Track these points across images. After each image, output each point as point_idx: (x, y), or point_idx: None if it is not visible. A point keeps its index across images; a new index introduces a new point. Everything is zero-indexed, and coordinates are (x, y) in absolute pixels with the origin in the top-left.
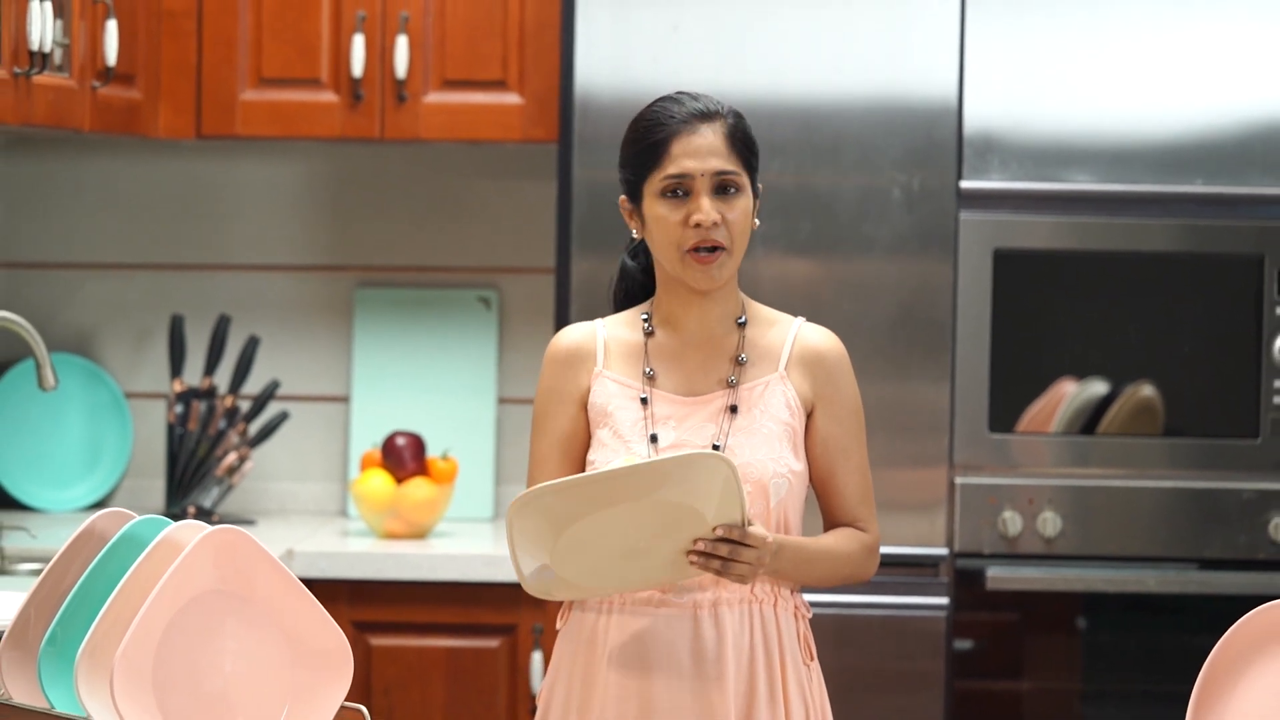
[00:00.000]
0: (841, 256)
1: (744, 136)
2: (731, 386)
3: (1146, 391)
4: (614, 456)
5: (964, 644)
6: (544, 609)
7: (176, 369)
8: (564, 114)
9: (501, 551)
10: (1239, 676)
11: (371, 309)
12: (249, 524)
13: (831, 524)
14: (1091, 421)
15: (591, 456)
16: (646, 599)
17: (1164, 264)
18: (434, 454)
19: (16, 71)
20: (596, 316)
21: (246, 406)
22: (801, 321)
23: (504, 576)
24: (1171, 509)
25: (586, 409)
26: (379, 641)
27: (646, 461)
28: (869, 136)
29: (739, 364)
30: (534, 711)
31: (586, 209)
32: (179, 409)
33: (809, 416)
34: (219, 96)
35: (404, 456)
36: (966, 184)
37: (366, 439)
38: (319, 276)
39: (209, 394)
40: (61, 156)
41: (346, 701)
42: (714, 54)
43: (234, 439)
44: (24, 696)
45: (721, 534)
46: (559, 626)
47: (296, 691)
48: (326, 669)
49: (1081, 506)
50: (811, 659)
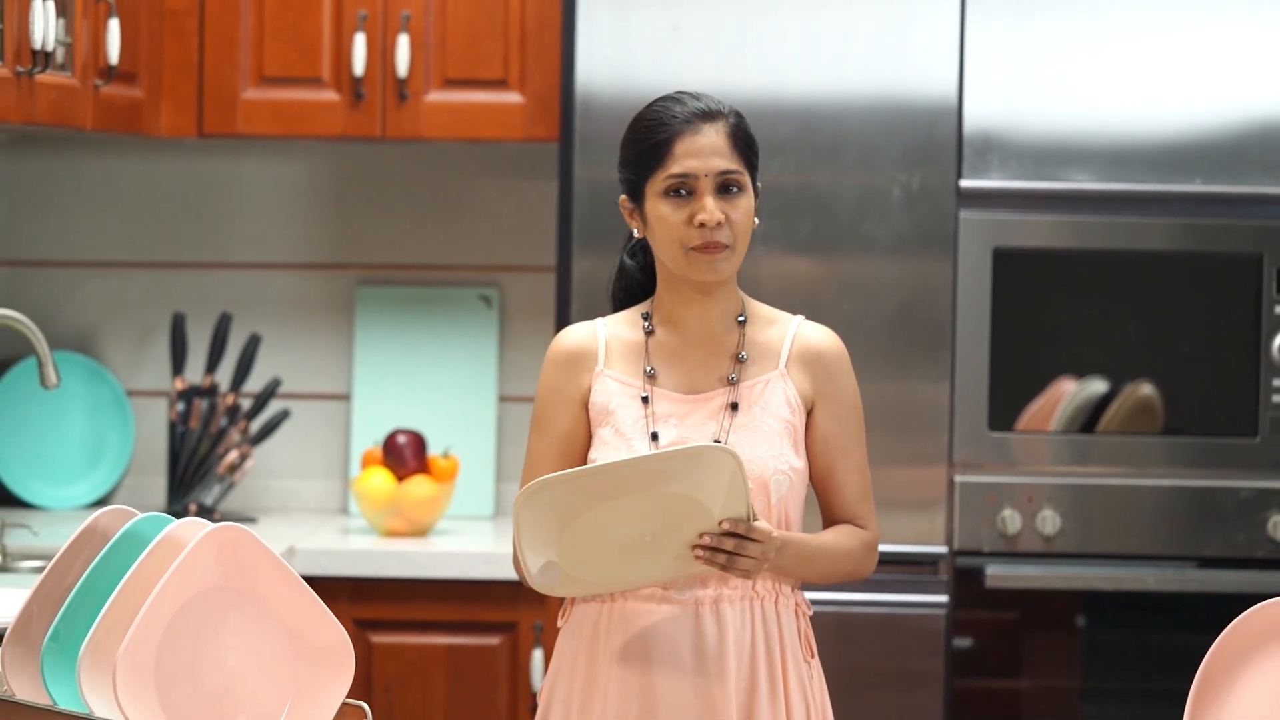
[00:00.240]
0: (841, 256)
1: (746, 136)
2: (732, 384)
3: (1145, 390)
4: (615, 455)
5: (963, 642)
6: (545, 606)
7: (178, 367)
8: (565, 113)
9: (502, 549)
10: (1237, 674)
11: (372, 307)
12: (250, 521)
13: (830, 522)
14: (1091, 420)
15: (593, 455)
16: (648, 595)
17: (1163, 263)
18: (435, 452)
19: (19, 70)
20: (597, 315)
21: (248, 404)
22: (801, 320)
23: (504, 574)
24: (1170, 507)
25: (587, 409)
26: (380, 639)
27: (653, 454)
28: (869, 136)
29: (739, 362)
30: (535, 709)
31: (587, 208)
32: (180, 407)
33: (809, 414)
34: (221, 95)
35: (405, 454)
36: (966, 183)
37: (368, 437)
38: (320, 275)
39: (210, 392)
40: (63, 155)
41: (348, 698)
42: (714, 53)
43: (235, 437)
44: (27, 693)
45: (727, 528)
46: (560, 624)
47: (298, 688)
48: (328, 666)
49: (1081, 505)
50: (812, 656)
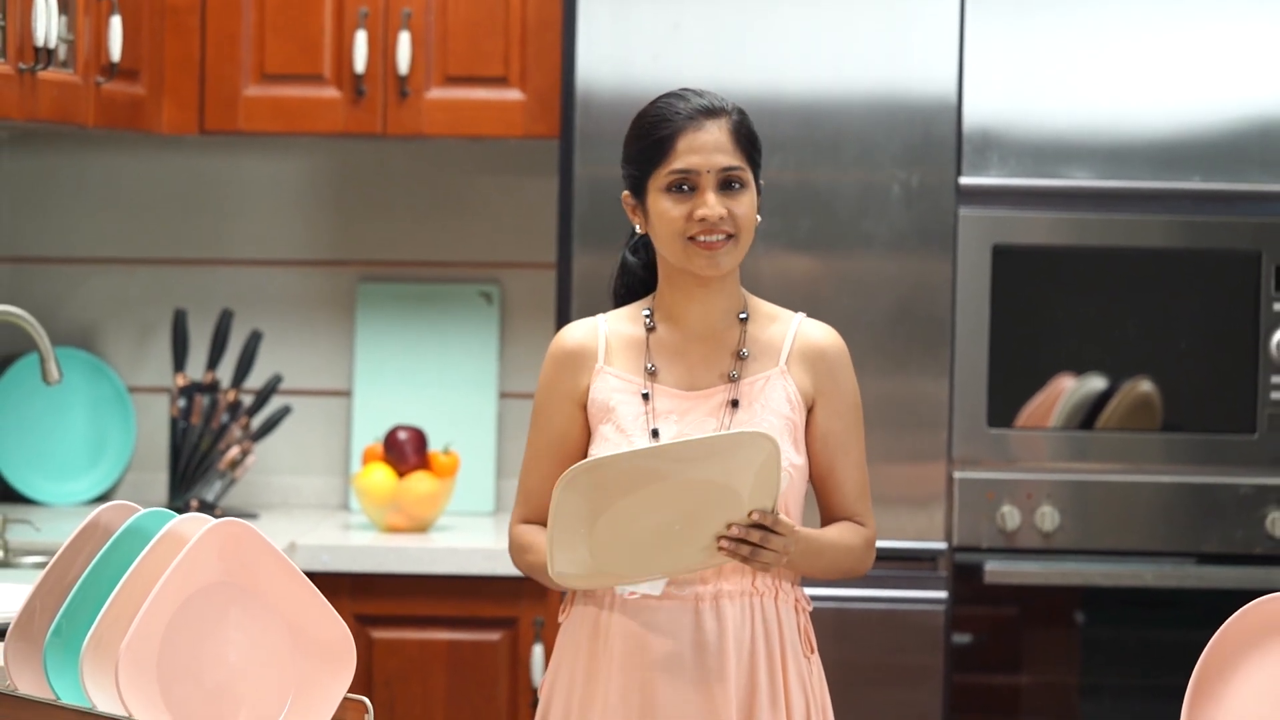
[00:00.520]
0: (841, 253)
1: (748, 133)
2: (733, 381)
3: (1144, 387)
4: (616, 451)
5: (962, 638)
6: (545, 602)
7: (179, 363)
8: (565, 110)
9: (503, 545)
10: (1234, 670)
11: (373, 304)
12: (251, 517)
13: (829, 519)
14: (1090, 417)
15: (593, 451)
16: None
17: (1162, 260)
18: (435, 448)
19: (21, 67)
20: (598, 312)
21: (249, 400)
22: (802, 317)
23: (505, 570)
24: (1169, 504)
25: (585, 408)
26: (380, 634)
27: (696, 438)
28: (869, 133)
29: (740, 359)
30: (535, 704)
31: (587, 205)
32: (182, 403)
33: (809, 411)
34: (222, 92)
35: (406, 450)
36: (965, 180)
37: (368, 433)
38: (321, 271)
39: (212, 388)
40: (65, 152)
41: (349, 693)
42: (714, 51)
43: (236, 433)
44: (30, 688)
45: (756, 519)
46: (561, 620)
47: (300, 683)
48: (330, 660)
49: (1079, 501)
50: (812, 652)
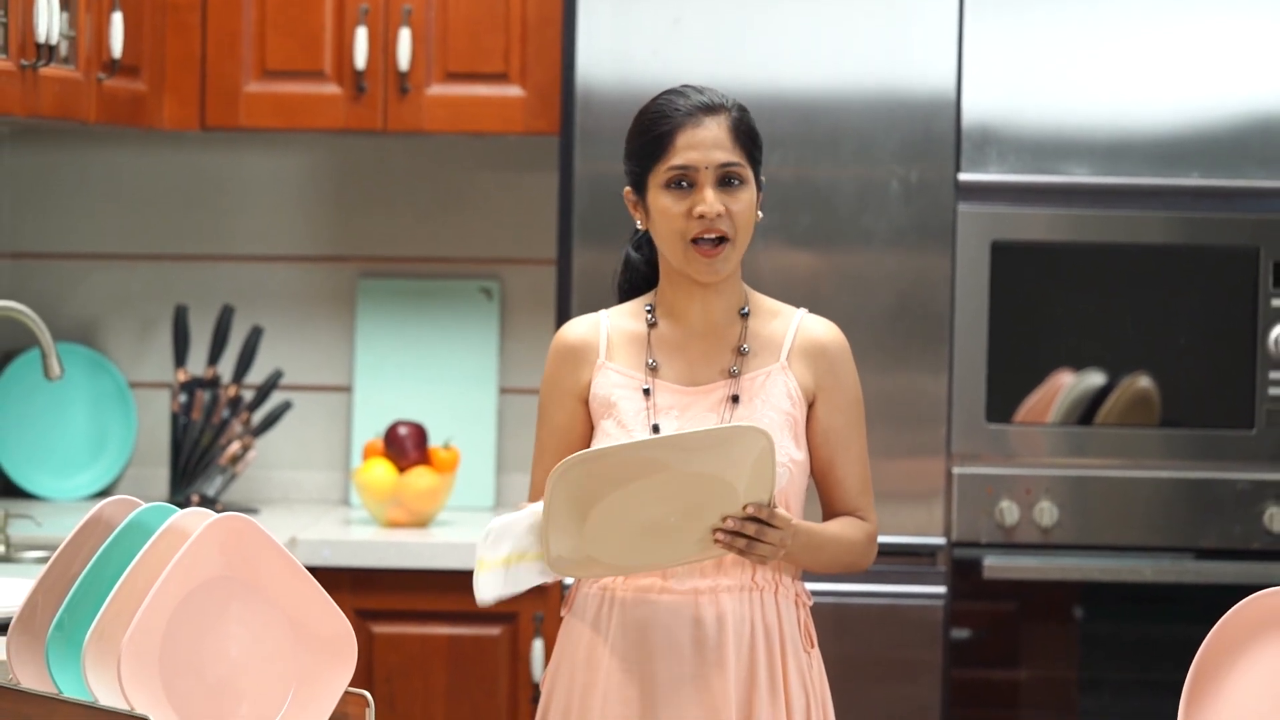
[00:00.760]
0: (840, 249)
1: (748, 129)
2: (734, 376)
3: (1143, 383)
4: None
5: (961, 633)
6: (545, 598)
7: (180, 359)
8: (565, 107)
9: None
10: (1232, 665)
11: (374, 299)
12: (252, 512)
13: (831, 514)
14: (1088, 412)
15: (595, 446)
16: (648, 586)
17: (1160, 256)
18: (436, 443)
19: (23, 63)
20: (598, 308)
21: (250, 396)
22: (804, 313)
23: None
24: (1168, 499)
25: (586, 403)
26: (381, 629)
27: (690, 431)
28: (868, 129)
29: (741, 354)
30: (535, 699)
31: (588, 201)
32: (183, 398)
33: (810, 407)
34: (223, 88)
35: (406, 446)
36: (964, 176)
37: (369, 428)
38: (322, 267)
39: (213, 383)
40: (67, 148)
41: (350, 688)
42: (714, 47)
43: (237, 428)
44: (32, 681)
45: (751, 513)
46: (562, 614)
47: (301, 677)
48: (331, 655)
49: (1078, 496)
50: (812, 646)
